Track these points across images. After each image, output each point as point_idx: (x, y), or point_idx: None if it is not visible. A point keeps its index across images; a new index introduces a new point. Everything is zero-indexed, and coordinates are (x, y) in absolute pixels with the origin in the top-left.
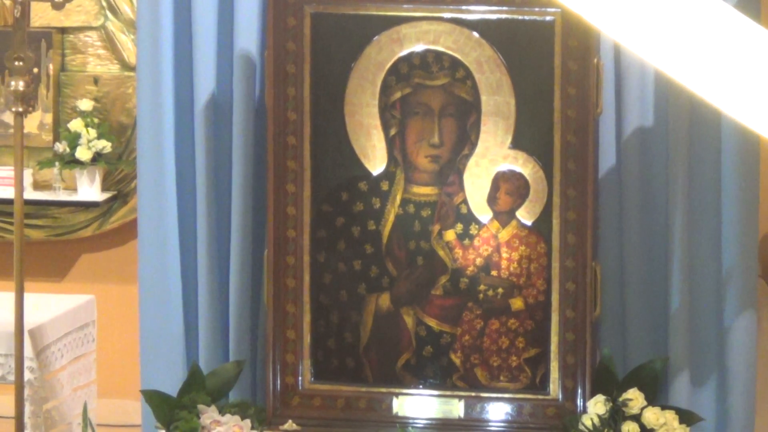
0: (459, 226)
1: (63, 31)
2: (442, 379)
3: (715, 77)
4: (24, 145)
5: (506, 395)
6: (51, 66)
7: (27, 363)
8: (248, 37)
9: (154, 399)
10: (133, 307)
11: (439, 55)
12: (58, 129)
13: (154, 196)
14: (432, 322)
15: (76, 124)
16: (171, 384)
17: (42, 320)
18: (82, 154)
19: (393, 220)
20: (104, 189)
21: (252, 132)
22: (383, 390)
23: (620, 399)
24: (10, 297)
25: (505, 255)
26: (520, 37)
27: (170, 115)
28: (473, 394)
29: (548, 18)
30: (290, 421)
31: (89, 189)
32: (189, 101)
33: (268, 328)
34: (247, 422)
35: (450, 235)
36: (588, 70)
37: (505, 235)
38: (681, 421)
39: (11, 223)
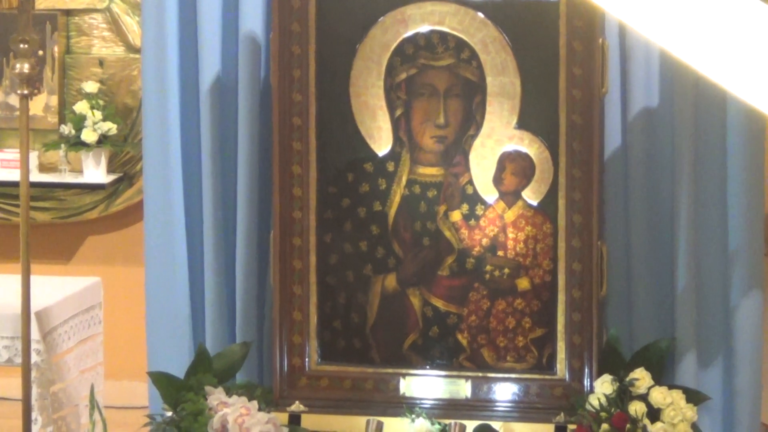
0: (465, 207)
1: (68, 13)
2: (449, 359)
3: (721, 56)
4: (29, 127)
5: (513, 375)
6: (56, 48)
7: (33, 345)
8: (253, 18)
9: (161, 381)
10: (140, 288)
11: (444, 36)
12: (64, 111)
13: (159, 178)
14: (438, 303)
15: (81, 107)
16: (178, 366)
17: (48, 302)
18: (88, 136)
19: (399, 201)
20: (110, 171)
21: (257, 114)
22: (390, 371)
23: (627, 379)
24: (16, 279)
25: (511, 235)
26: (526, 17)
27: (175, 97)
28: (480, 374)
29: None
30: (297, 402)
31: (95, 171)
32: (194, 83)
33: (274, 310)
34: (254, 404)
35: (456, 216)
36: (593, 50)
37: (511, 215)
38: (688, 401)
39: (17, 206)
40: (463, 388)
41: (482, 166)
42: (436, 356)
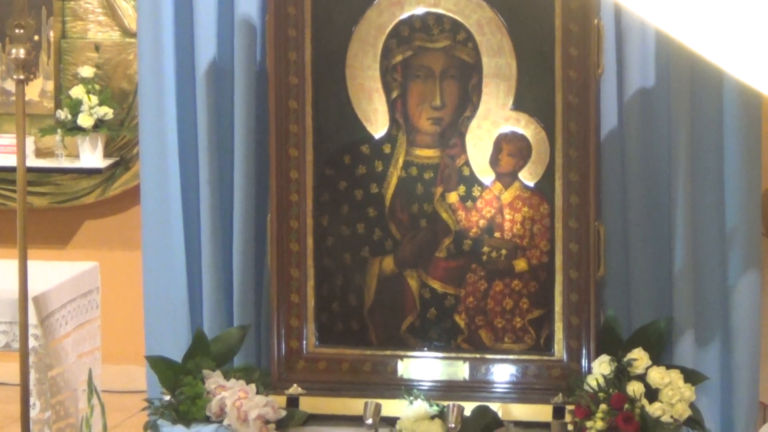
0: (462, 188)
1: None
2: (447, 341)
3: (716, 35)
4: (26, 112)
5: (511, 356)
6: (52, 33)
7: (31, 330)
8: (249, 1)
9: (159, 365)
10: (137, 273)
11: (439, 18)
12: (60, 96)
13: (156, 162)
14: (436, 285)
15: (77, 91)
16: (175, 349)
17: (46, 287)
18: (84, 120)
19: (396, 183)
20: (106, 155)
21: (254, 97)
22: (388, 353)
23: (625, 359)
24: (13, 264)
25: (508, 216)
26: None
27: (171, 80)
28: (478, 355)
29: None
30: (295, 385)
31: (91, 156)
32: (190, 67)
33: (272, 293)
34: (252, 387)
35: (453, 197)
36: (589, 30)
37: (507, 196)
38: (686, 380)
39: (14, 191)
40: (461, 370)
41: (479, 147)
42: (433, 338)
